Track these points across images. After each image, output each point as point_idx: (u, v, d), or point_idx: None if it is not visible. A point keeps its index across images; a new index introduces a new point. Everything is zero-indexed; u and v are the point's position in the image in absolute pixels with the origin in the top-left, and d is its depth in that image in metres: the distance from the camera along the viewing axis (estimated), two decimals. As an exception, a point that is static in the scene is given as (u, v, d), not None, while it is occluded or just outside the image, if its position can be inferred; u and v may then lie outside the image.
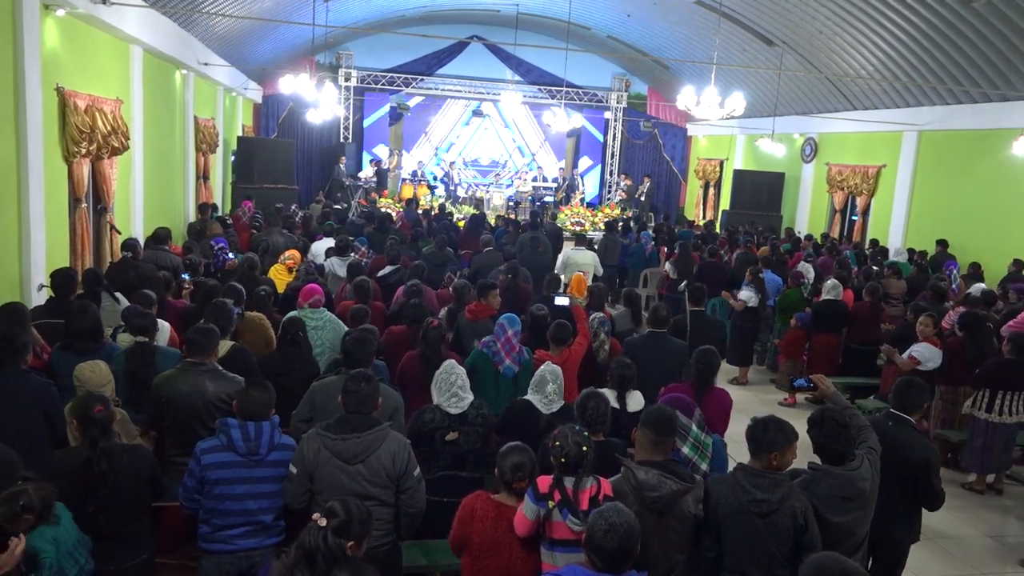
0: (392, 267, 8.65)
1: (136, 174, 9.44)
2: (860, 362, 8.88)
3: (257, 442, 3.48)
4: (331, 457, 3.42)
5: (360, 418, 3.52)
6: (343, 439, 3.43)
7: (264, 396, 3.59)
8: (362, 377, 3.60)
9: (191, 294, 6.94)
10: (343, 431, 3.46)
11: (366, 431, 3.46)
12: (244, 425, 3.48)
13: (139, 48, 9.29)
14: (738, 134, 20.25)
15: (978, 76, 11.72)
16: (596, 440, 3.94)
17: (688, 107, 9.33)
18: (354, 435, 3.44)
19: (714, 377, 4.85)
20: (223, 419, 3.54)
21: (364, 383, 3.56)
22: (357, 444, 3.43)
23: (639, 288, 13.07)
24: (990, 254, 11.88)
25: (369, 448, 3.44)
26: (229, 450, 3.46)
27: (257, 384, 3.68)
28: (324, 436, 3.46)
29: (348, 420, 3.51)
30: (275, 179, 15.56)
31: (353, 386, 3.54)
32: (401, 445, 3.54)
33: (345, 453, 3.42)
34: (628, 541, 2.55)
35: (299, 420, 4.40)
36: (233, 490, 3.45)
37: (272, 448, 3.53)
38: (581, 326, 5.75)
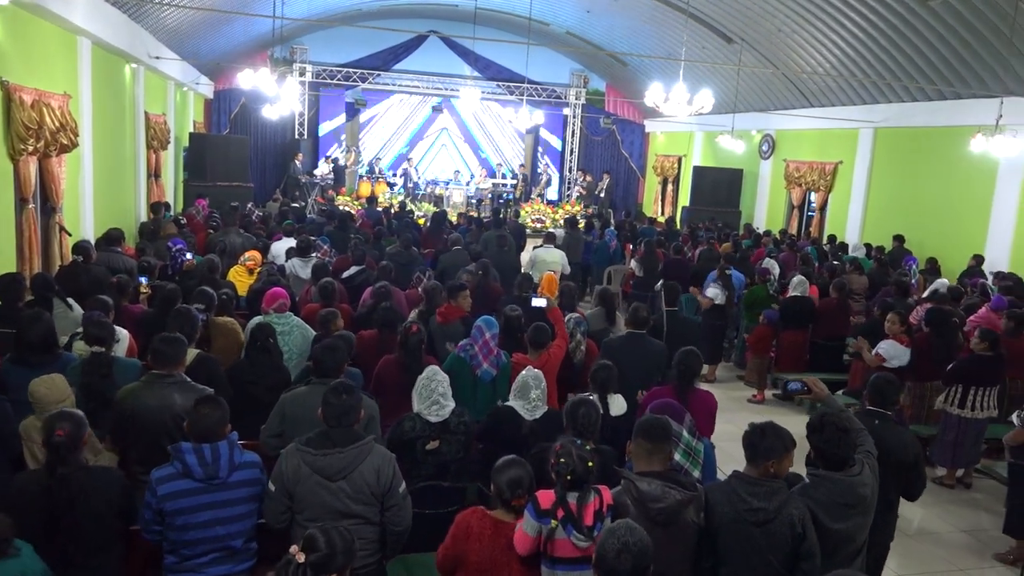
0: (357, 268, 8.42)
1: (86, 172, 9.02)
2: (827, 358, 8.96)
3: (215, 465, 3.23)
4: (312, 474, 3.24)
5: (342, 432, 3.33)
6: (324, 455, 3.25)
7: (216, 413, 3.32)
8: (343, 388, 3.41)
9: (149, 299, 6.65)
10: (324, 446, 3.27)
11: (349, 445, 3.28)
12: (199, 448, 3.23)
13: (87, 40, 8.87)
14: (696, 131, 20.38)
15: (933, 74, 11.92)
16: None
17: (656, 104, 9.28)
18: (336, 450, 3.26)
19: (697, 378, 4.78)
20: (176, 444, 3.27)
21: (345, 395, 3.37)
22: (339, 460, 3.25)
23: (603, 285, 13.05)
24: (946, 249, 12.12)
25: (352, 464, 3.26)
26: (186, 477, 3.20)
27: (207, 400, 3.39)
28: (304, 451, 3.27)
29: (329, 434, 3.32)
30: (229, 177, 15.13)
31: (334, 398, 3.35)
32: (386, 460, 3.37)
33: (327, 470, 3.24)
34: (642, 561, 2.43)
35: (269, 435, 4.20)
36: (196, 518, 3.22)
37: (233, 469, 3.28)
38: (559, 328, 5.63)
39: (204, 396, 3.41)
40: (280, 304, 5.75)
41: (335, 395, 3.35)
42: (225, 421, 3.35)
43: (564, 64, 22.24)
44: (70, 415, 3.27)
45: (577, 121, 22.48)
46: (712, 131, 19.27)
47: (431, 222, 13.00)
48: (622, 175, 23.34)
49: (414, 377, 5.07)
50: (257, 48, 19.35)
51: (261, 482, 3.38)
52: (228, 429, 3.37)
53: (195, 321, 4.84)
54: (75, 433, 3.17)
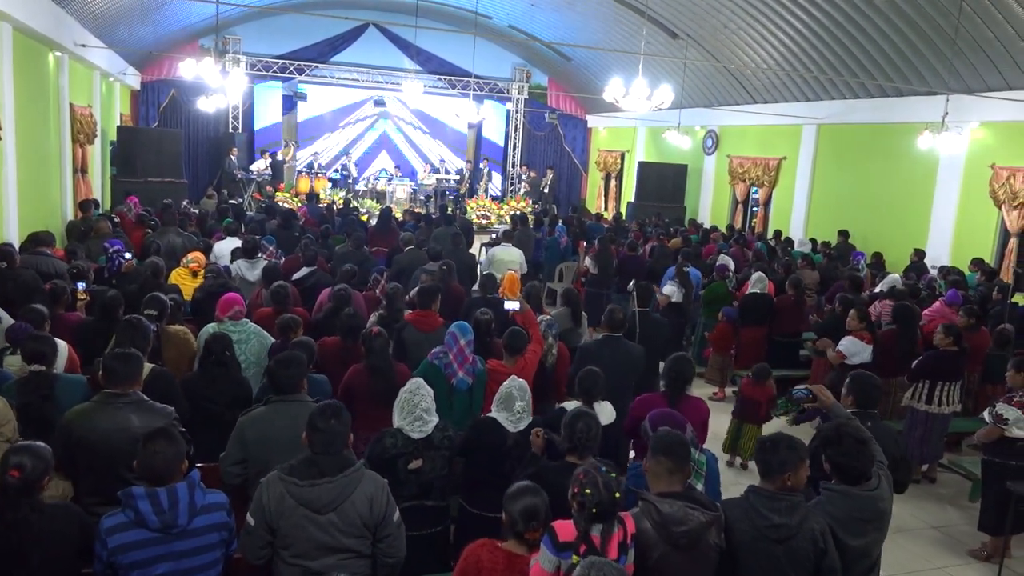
0: (308, 269, 8.01)
1: (8, 168, 8.34)
2: (784, 354, 8.96)
3: (173, 512, 2.80)
4: (297, 506, 2.92)
5: (330, 459, 3.01)
6: (312, 485, 2.93)
7: (170, 449, 2.87)
8: (331, 412, 3.07)
9: (87, 306, 6.13)
10: (311, 475, 2.95)
11: (339, 474, 2.97)
12: (153, 493, 2.79)
13: (8, 25, 8.18)
14: (639, 126, 20.43)
15: (876, 72, 12.12)
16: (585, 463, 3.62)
17: (616, 98, 9.11)
18: (324, 480, 2.94)
19: (688, 385, 4.61)
20: (127, 489, 2.82)
21: (334, 419, 3.03)
22: (329, 491, 2.94)
23: (555, 282, 12.89)
24: (890, 244, 12.37)
25: (342, 494, 2.96)
26: (139, 526, 2.78)
27: (159, 435, 2.90)
28: (288, 482, 2.94)
29: (316, 462, 2.99)
30: (161, 172, 14.37)
31: (322, 423, 3.01)
32: (379, 487, 3.08)
33: (315, 502, 2.93)
34: None
35: (230, 464, 3.80)
36: (154, 571, 2.81)
37: (195, 514, 2.86)
38: (534, 332, 5.39)
39: (154, 430, 2.95)
40: (236, 311, 5.35)
41: (323, 419, 3.03)
42: (181, 458, 2.92)
43: (506, 58, 22.01)
44: (30, 449, 2.82)
45: (520, 116, 22.28)
46: (656, 126, 19.33)
47: (379, 220, 12.59)
48: (565, 170, 23.27)
49: (383, 381, 4.81)
50: (187, 38, 18.51)
51: (228, 527, 2.99)
52: (186, 467, 2.95)
53: (147, 333, 4.42)
54: (35, 473, 2.76)
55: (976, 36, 10.09)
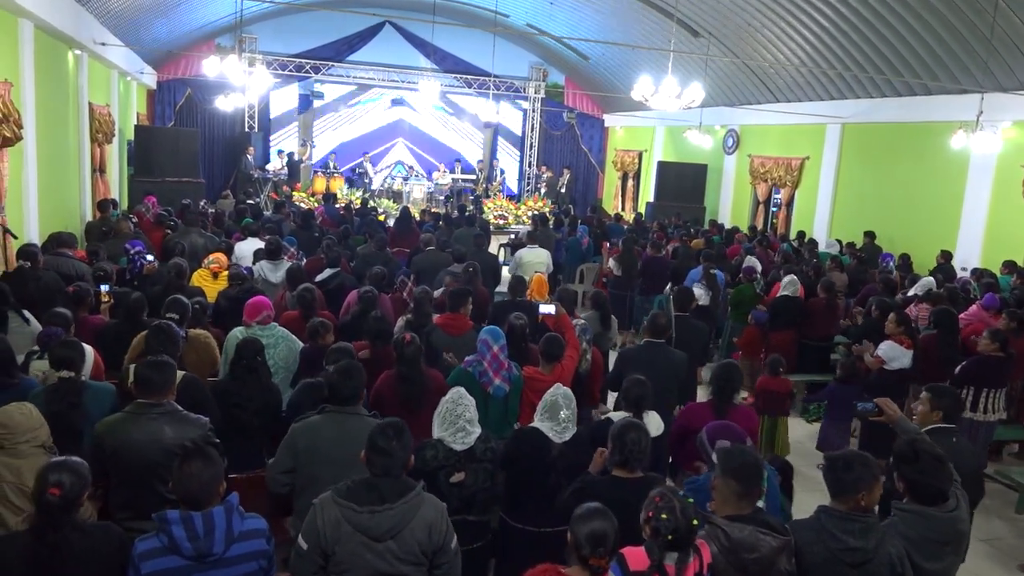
0: (331, 271, 7.88)
1: (29, 168, 8.23)
2: (815, 359, 8.78)
3: (208, 539, 2.63)
4: (355, 533, 2.75)
5: (390, 483, 2.84)
6: (372, 512, 2.76)
7: (208, 470, 2.68)
8: (394, 431, 2.89)
9: (110, 309, 6.01)
10: (370, 500, 2.78)
11: (399, 500, 2.80)
12: (188, 518, 2.63)
13: (29, 23, 8.08)
14: (658, 125, 20.22)
15: (904, 70, 11.88)
16: (634, 477, 3.46)
17: (645, 97, 8.93)
18: (385, 507, 2.77)
19: (737, 394, 4.43)
20: (162, 513, 2.65)
21: (396, 440, 2.86)
22: (389, 518, 2.77)
23: (575, 284, 12.71)
24: (917, 245, 12.12)
25: (403, 522, 2.79)
26: (173, 553, 2.62)
27: (196, 455, 2.72)
28: (344, 506, 2.77)
29: (376, 486, 2.82)
30: (178, 172, 14.29)
31: (383, 442, 2.84)
32: (439, 512, 2.92)
33: (374, 530, 2.76)
34: None
35: (279, 472, 3.67)
36: None
37: (232, 541, 2.68)
38: (570, 337, 5.22)
39: (191, 450, 2.78)
40: (265, 316, 5.22)
41: (385, 439, 2.85)
42: (219, 480, 2.74)
43: (523, 57, 21.84)
44: (68, 466, 2.67)
45: (536, 115, 22.10)
46: (674, 126, 19.13)
47: (399, 220, 12.45)
48: (581, 170, 23.07)
49: (413, 390, 4.66)
50: (203, 37, 18.44)
51: (268, 555, 2.81)
52: (221, 488, 2.78)
53: (177, 338, 4.29)
54: (74, 490, 2.61)
55: (1011, 33, 9.86)
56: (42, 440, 3.33)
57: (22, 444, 3.28)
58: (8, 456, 3.30)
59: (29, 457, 3.30)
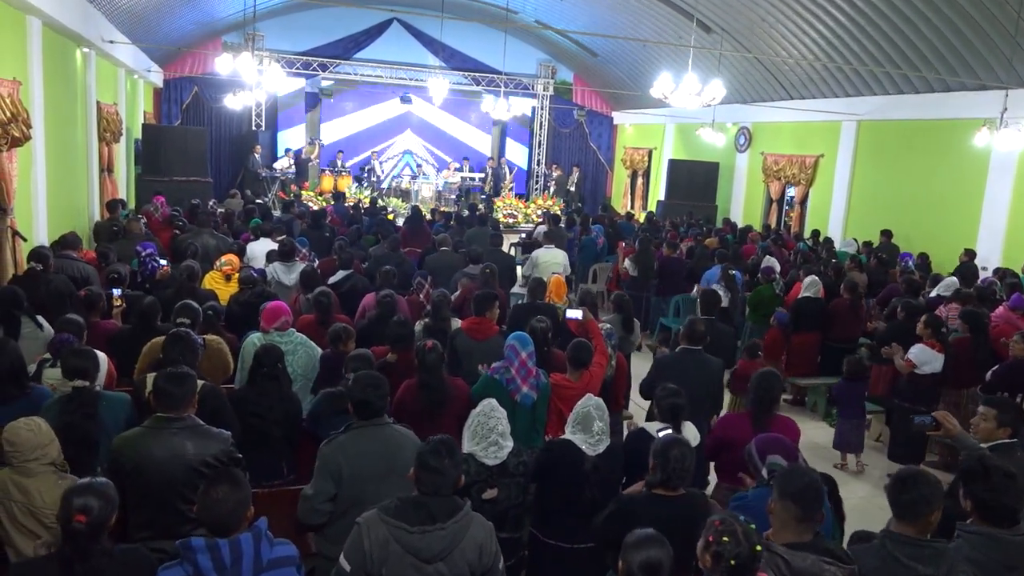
0: (344, 272, 7.72)
1: (38, 169, 8.08)
2: (838, 361, 8.54)
3: (235, 569, 2.48)
4: (404, 554, 2.61)
5: (441, 502, 2.70)
6: (423, 532, 2.62)
7: (236, 495, 2.55)
8: (445, 449, 2.76)
9: (123, 313, 5.86)
10: (420, 520, 2.64)
11: (449, 519, 2.66)
12: (214, 546, 2.48)
13: (37, 20, 7.92)
14: (668, 123, 20.02)
15: (923, 66, 11.67)
16: (676, 495, 3.30)
17: (665, 94, 8.75)
18: (436, 527, 2.64)
19: (777, 405, 4.25)
20: (186, 540, 2.50)
21: (448, 458, 2.73)
22: (441, 539, 2.63)
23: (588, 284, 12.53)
24: (935, 244, 11.91)
25: (454, 542, 2.66)
26: None
27: (223, 479, 2.59)
28: (394, 526, 2.62)
29: (426, 504, 2.68)
30: (186, 171, 14.16)
31: (435, 461, 2.71)
32: (488, 533, 2.78)
33: (425, 551, 2.62)
34: None
35: (321, 502, 3.41)
36: None
37: (260, 570, 2.54)
38: (598, 343, 5.05)
39: (217, 473, 2.65)
40: (283, 321, 5.05)
41: (436, 457, 2.71)
42: (247, 505, 2.59)
43: (531, 55, 21.66)
44: (93, 489, 2.51)
45: (545, 113, 21.91)
46: (684, 123, 18.93)
47: (410, 220, 12.28)
48: (590, 168, 22.87)
49: (433, 398, 4.50)
50: (210, 35, 18.30)
51: None
52: (250, 513, 2.62)
53: (196, 347, 4.13)
54: (101, 515, 2.47)
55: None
56: (52, 457, 3.18)
57: (31, 462, 3.14)
58: (17, 475, 3.16)
59: (39, 476, 3.16)
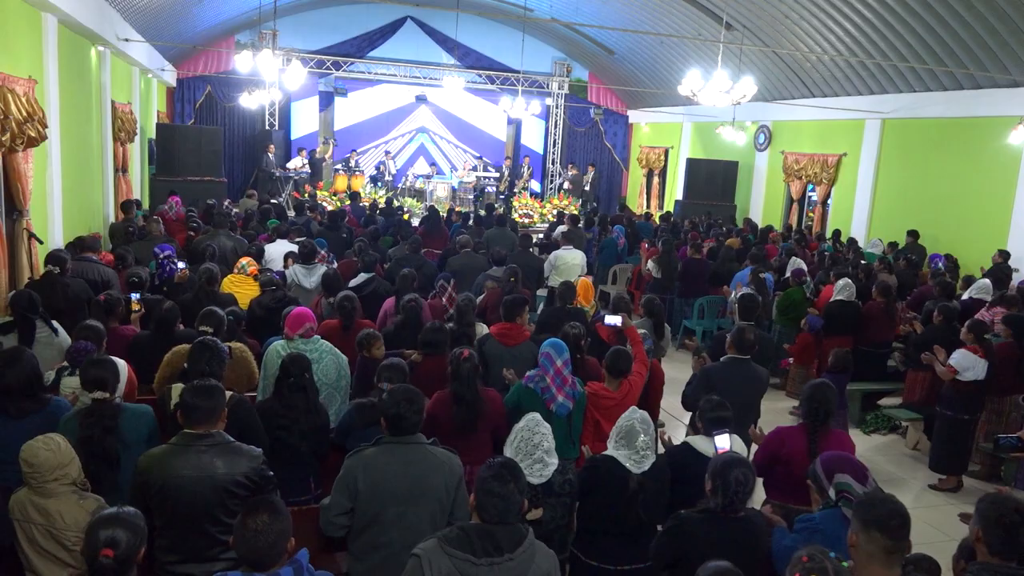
0: (366, 275, 7.52)
1: (53, 169, 7.93)
2: (871, 366, 8.37)
3: None
4: None
5: (506, 530, 2.50)
6: (490, 564, 2.42)
7: (276, 525, 2.37)
8: (510, 473, 2.55)
9: (141, 318, 5.69)
10: (487, 551, 2.44)
11: (517, 549, 2.47)
12: None
13: (53, 17, 7.77)
14: (685, 121, 19.76)
15: (951, 63, 11.40)
16: (736, 516, 3.09)
17: (693, 92, 8.52)
18: (505, 558, 2.44)
19: (832, 417, 4.03)
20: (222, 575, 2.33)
21: (513, 482, 2.53)
22: (509, 570, 2.44)
23: (607, 285, 12.33)
24: (963, 245, 11.66)
25: (523, 574, 2.46)
26: None
27: (262, 508, 2.40)
28: (458, 558, 2.43)
29: (491, 533, 2.48)
30: (200, 171, 14.07)
31: (499, 487, 2.50)
32: (553, 563, 2.59)
33: None
34: None
35: (336, 514, 3.24)
36: None
37: None
38: (637, 351, 4.83)
39: (256, 502, 2.44)
40: (308, 328, 4.86)
41: (500, 483, 2.51)
42: (287, 535, 2.41)
43: (546, 53, 21.45)
44: (120, 520, 2.33)
45: (560, 111, 21.69)
46: (702, 122, 18.68)
47: (427, 220, 12.10)
48: (605, 167, 22.63)
49: (467, 411, 4.31)
50: (223, 34, 18.17)
51: None
52: (290, 545, 2.43)
53: (224, 357, 3.94)
54: (130, 548, 2.30)
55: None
56: (72, 477, 3.02)
57: (51, 483, 2.97)
58: (36, 496, 2.99)
59: (58, 496, 3.00)
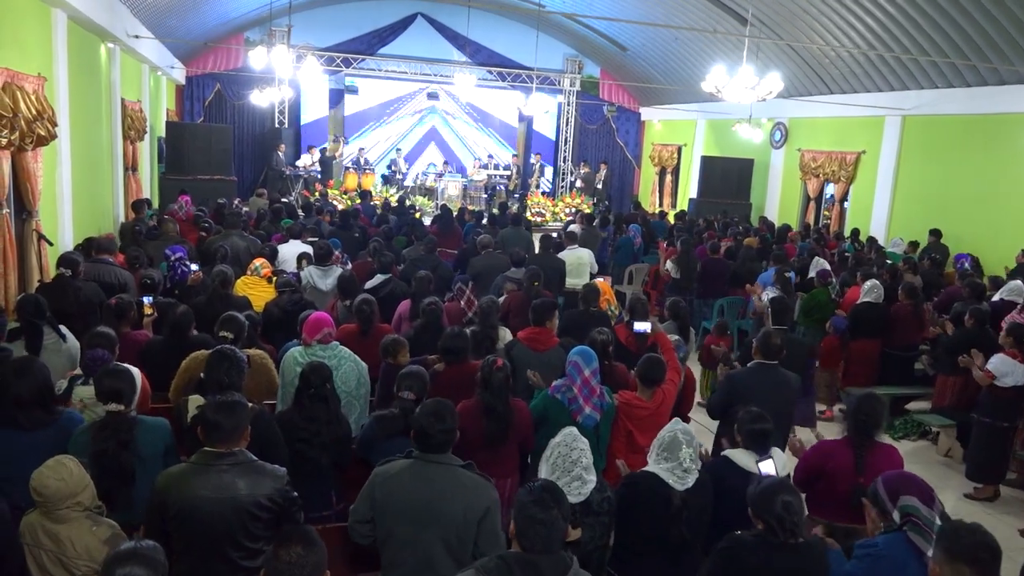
0: (383, 277, 7.35)
1: (63, 169, 7.78)
2: (897, 369, 8.16)
3: None
4: None
5: (551, 560, 2.33)
6: None
7: (311, 558, 2.25)
8: (552, 497, 2.39)
9: (154, 323, 5.52)
10: None
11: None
12: None
13: (63, 13, 7.62)
14: (699, 119, 19.52)
15: (976, 57, 11.14)
16: (792, 544, 2.89)
17: (718, 88, 8.31)
18: None
19: (880, 431, 3.83)
20: None
21: (556, 507, 2.36)
22: None
23: (623, 285, 12.12)
24: (987, 244, 11.41)
25: None
26: None
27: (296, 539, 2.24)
28: None
29: (535, 564, 2.31)
30: (210, 169, 13.89)
31: (542, 513, 2.34)
32: None
33: None
34: None
35: (357, 520, 3.13)
36: None
37: None
38: (670, 358, 4.64)
39: (288, 532, 2.28)
40: (326, 333, 4.68)
41: (543, 509, 2.34)
42: (323, 568, 2.26)
43: (557, 49, 21.21)
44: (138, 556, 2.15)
45: (572, 109, 21.48)
46: (716, 119, 18.45)
47: (439, 219, 11.91)
48: (617, 165, 22.40)
49: (498, 427, 4.12)
50: (232, 31, 18.02)
51: None
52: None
53: (244, 367, 3.76)
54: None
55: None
56: (85, 505, 2.84)
57: (62, 509, 2.81)
58: (47, 520, 2.83)
59: (70, 522, 2.84)
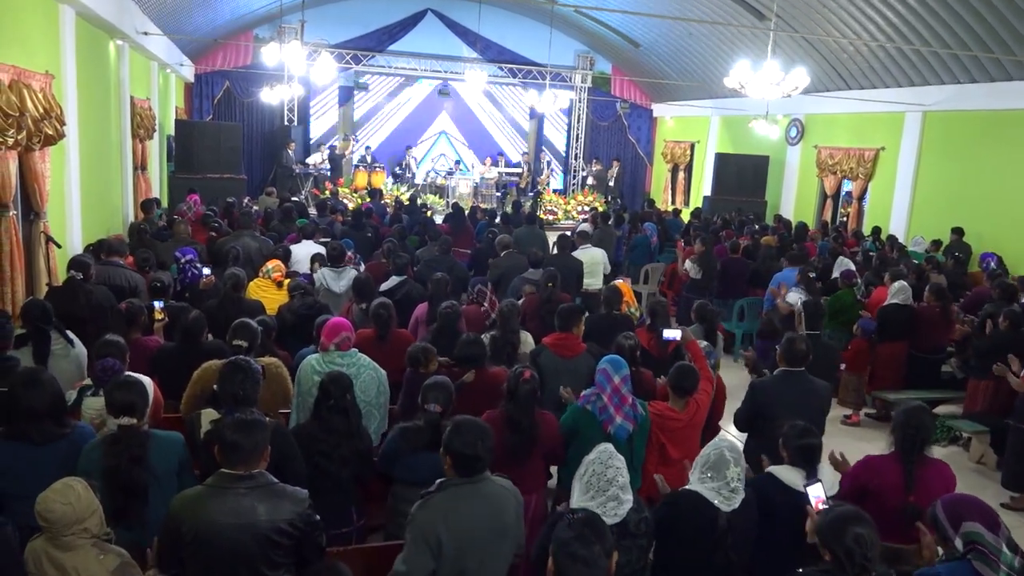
0: (398, 279, 7.17)
1: (71, 169, 7.62)
2: (925, 372, 7.94)
3: None
4: None
5: None
6: None
7: None
8: (593, 532, 2.25)
9: (165, 328, 5.35)
10: None
11: None
12: None
13: (71, 9, 7.45)
14: (712, 115, 19.28)
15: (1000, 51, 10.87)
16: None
17: (742, 84, 8.10)
18: None
19: (928, 445, 3.62)
20: None
21: (598, 543, 2.23)
22: None
23: (639, 284, 11.92)
24: (1010, 243, 11.16)
25: None
26: None
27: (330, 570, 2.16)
28: None
29: None
30: (220, 168, 13.71)
31: (584, 550, 2.20)
32: None
33: None
34: None
35: None
36: None
37: None
38: (702, 367, 4.44)
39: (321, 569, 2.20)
40: (344, 338, 4.50)
41: (584, 544, 2.19)
42: None
43: (568, 46, 20.99)
44: None
45: (583, 106, 21.25)
46: (730, 115, 18.21)
47: (451, 218, 11.73)
48: (628, 162, 22.17)
49: (520, 438, 3.94)
50: (240, 28, 17.86)
51: None
52: None
53: (258, 379, 3.58)
54: None
55: None
56: (93, 531, 2.68)
57: (68, 536, 2.65)
58: (52, 547, 2.67)
59: (76, 550, 2.67)
